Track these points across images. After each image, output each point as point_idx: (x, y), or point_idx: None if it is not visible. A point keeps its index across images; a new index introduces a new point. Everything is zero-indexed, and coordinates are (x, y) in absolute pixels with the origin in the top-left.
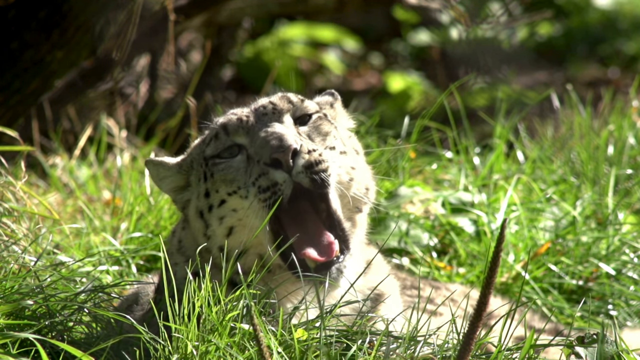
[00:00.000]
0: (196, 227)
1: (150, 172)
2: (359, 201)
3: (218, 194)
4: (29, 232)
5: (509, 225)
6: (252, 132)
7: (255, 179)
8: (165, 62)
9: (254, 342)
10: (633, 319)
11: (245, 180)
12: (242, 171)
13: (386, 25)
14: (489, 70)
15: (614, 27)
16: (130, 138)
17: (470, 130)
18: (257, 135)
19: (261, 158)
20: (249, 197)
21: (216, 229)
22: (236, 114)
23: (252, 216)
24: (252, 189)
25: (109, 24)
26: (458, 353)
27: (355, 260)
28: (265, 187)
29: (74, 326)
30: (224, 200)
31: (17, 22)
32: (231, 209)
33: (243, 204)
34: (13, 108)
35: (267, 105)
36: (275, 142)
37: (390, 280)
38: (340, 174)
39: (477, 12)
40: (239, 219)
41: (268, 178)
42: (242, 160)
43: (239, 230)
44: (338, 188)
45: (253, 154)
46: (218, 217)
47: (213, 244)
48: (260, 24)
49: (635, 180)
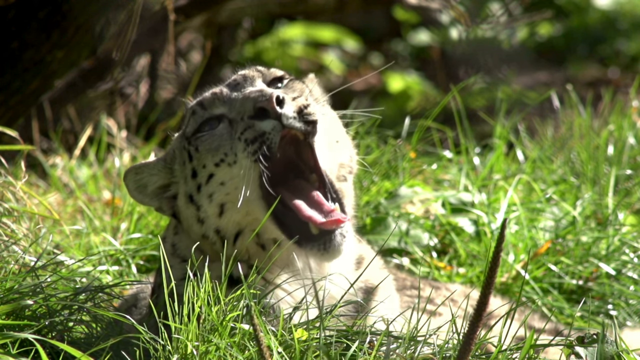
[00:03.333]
0: (189, 215)
1: (130, 183)
2: (344, 168)
3: (205, 169)
4: (29, 232)
5: (509, 225)
6: (228, 100)
7: (240, 133)
8: (165, 62)
9: (254, 342)
10: (633, 319)
11: (231, 144)
12: (226, 136)
13: (386, 25)
14: (489, 70)
15: (614, 27)
16: (130, 138)
17: (470, 130)
18: (234, 101)
19: (244, 114)
20: (237, 161)
21: (207, 208)
22: (209, 91)
23: (241, 184)
24: (240, 145)
25: (109, 24)
26: (458, 353)
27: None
28: (252, 139)
29: (74, 326)
30: (211, 174)
31: (17, 22)
32: (219, 183)
33: (232, 173)
34: (13, 108)
35: (237, 77)
36: (256, 94)
37: (383, 274)
38: (326, 128)
39: (477, 12)
40: (227, 194)
41: (254, 130)
42: (225, 127)
43: (230, 207)
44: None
45: (235, 116)
46: (207, 195)
47: (208, 227)
48: (260, 24)
49: (635, 180)
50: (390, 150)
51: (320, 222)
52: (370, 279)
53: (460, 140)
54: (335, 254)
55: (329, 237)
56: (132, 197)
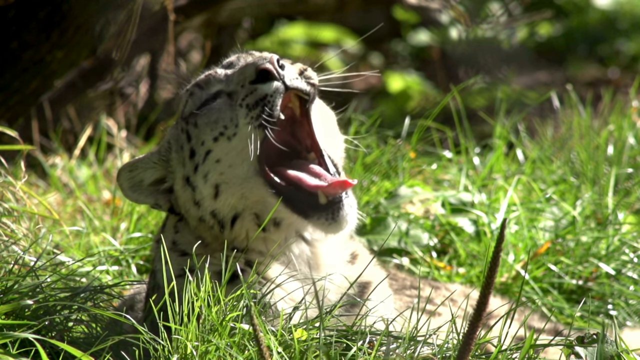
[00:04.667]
0: (186, 199)
1: (125, 182)
2: (336, 154)
3: (203, 147)
4: (28, 232)
5: (508, 225)
6: (225, 77)
7: (241, 100)
8: (165, 62)
9: (253, 342)
10: (633, 319)
11: (230, 115)
12: (224, 108)
13: (386, 25)
14: (488, 70)
15: (614, 27)
16: (130, 138)
17: (470, 130)
18: (231, 75)
19: (245, 81)
20: (237, 132)
21: (202, 189)
22: (203, 74)
23: (238, 159)
24: (241, 111)
25: (109, 24)
26: (458, 353)
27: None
28: (253, 103)
29: (74, 326)
30: (209, 151)
31: (17, 22)
32: (215, 160)
33: (229, 147)
34: (13, 108)
35: (230, 59)
36: (257, 58)
37: (376, 270)
38: (319, 109)
39: (477, 12)
40: (221, 173)
41: (256, 93)
42: (223, 101)
43: (224, 189)
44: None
45: (234, 87)
46: (203, 175)
47: (204, 209)
48: (260, 24)
49: (635, 180)
50: (390, 150)
51: (327, 186)
52: (364, 275)
53: (460, 140)
54: (343, 224)
55: (337, 206)
56: (127, 197)
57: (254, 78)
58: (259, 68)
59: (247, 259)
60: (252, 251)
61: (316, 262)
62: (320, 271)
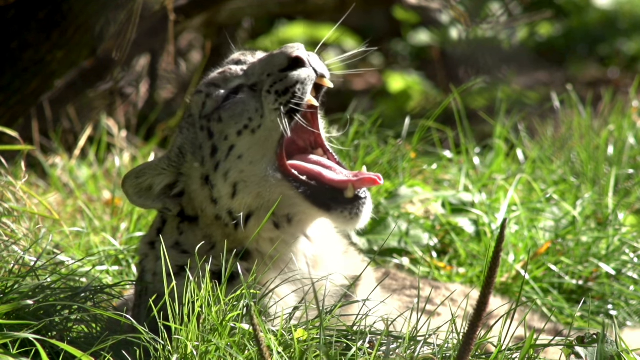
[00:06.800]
0: (203, 198)
1: (130, 189)
2: None
3: (226, 142)
4: (29, 232)
5: (509, 225)
6: (242, 72)
7: (269, 86)
8: (165, 62)
9: (254, 342)
10: (633, 319)
11: (255, 105)
12: (249, 100)
13: (386, 25)
14: (489, 70)
15: (614, 27)
16: (130, 138)
17: (470, 130)
18: (251, 68)
19: (273, 69)
20: (262, 124)
21: (221, 188)
22: (214, 74)
23: (259, 154)
24: (270, 98)
25: (109, 24)
26: (458, 353)
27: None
28: (283, 90)
29: (74, 326)
30: (232, 146)
31: (17, 22)
32: (237, 156)
33: (253, 140)
34: (13, 108)
35: (235, 57)
36: (287, 48)
37: (364, 265)
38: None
39: (477, 12)
40: (242, 171)
41: (287, 80)
42: (246, 93)
43: (242, 188)
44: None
45: (257, 78)
46: (223, 174)
47: (221, 207)
48: (260, 24)
49: (635, 180)
50: (390, 150)
51: (358, 180)
52: (355, 268)
53: (461, 140)
54: (363, 219)
55: (363, 201)
56: (132, 202)
57: (285, 66)
58: (292, 56)
59: (248, 260)
60: (257, 251)
61: (315, 260)
62: (319, 268)
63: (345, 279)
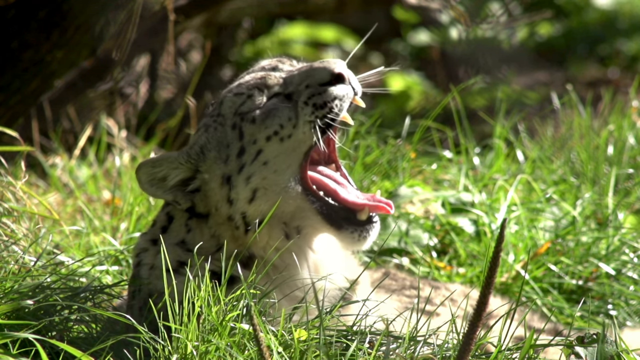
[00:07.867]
0: (220, 198)
1: (144, 176)
2: None
3: (255, 145)
4: (28, 232)
5: (508, 225)
6: (282, 80)
7: (307, 98)
8: (165, 62)
9: (254, 342)
10: (633, 319)
11: (289, 114)
12: (282, 107)
13: (386, 25)
14: (489, 70)
15: (614, 27)
16: (130, 138)
17: (470, 130)
18: (289, 77)
19: (312, 83)
20: (293, 134)
21: (241, 191)
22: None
23: (284, 164)
24: (307, 109)
25: (109, 24)
26: (458, 353)
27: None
28: (321, 104)
29: (74, 326)
30: (260, 151)
31: (17, 22)
32: (262, 162)
33: (280, 149)
34: (13, 108)
35: (271, 62)
36: (328, 63)
37: (359, 270)
38: None
39: (477, 12)
40: (264, 178)
41: (326, 95)
42: (280, 100)
43: (261, 195)
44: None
45: (294, 88)
46: (246, 177)
47: (236, 209)
48: (260, 24)
49: (635, 180)
50: (390, 150)
51: (374, 205)
52: (353, 274)
53: (460, 140)
54: (369, 242)
55: (373, 225)
56: (143, 189)
57: (326, 81)
58: (334, 72)
59: (251, 265)
60: (261, 258)
61: (316, 265)
62: (320, 273)
63: (346, 279)
